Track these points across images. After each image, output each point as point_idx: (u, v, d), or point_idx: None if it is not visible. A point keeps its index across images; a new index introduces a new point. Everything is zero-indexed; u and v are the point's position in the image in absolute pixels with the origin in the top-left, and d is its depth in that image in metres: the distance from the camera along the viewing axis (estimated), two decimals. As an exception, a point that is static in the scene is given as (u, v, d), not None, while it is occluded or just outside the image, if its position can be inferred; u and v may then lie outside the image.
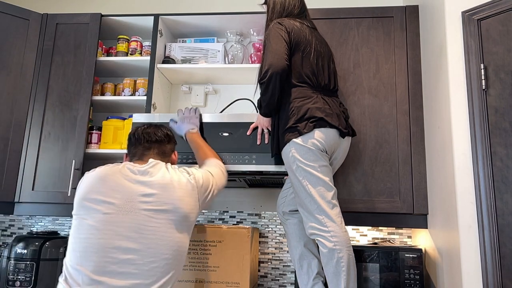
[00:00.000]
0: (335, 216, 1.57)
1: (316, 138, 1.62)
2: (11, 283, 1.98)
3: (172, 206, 1.40)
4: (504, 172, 1.45)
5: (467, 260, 1.48)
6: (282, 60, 1.64)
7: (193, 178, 1.49)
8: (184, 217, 1.42)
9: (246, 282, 1.89)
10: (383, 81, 2.06)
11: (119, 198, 1.36)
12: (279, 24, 1.72)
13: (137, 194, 1.38)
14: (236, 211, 2.41)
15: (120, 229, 1.33)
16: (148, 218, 1.36)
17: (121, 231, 1.33)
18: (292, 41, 1.70)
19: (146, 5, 2.81)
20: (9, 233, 2.53)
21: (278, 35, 1.69)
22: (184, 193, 1.44)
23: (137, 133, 1.58)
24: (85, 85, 2.25)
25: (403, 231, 2.27)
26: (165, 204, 1.39)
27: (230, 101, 2.36)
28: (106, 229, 1.32)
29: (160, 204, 1.38)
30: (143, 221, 1.35)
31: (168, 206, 1.39)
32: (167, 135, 1.62)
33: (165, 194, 1.40)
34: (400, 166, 1.97)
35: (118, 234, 1.32)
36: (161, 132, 1.60)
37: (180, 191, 1.43)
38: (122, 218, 1.34)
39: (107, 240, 1.31)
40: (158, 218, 1.37)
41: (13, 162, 2.17)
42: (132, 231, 1.34)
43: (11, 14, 2.28)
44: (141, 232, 1.34)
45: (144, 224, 1.35)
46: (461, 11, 1.65)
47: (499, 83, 1.51)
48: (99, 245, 1.31)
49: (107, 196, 1.36)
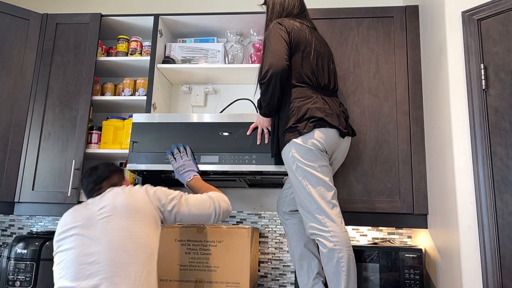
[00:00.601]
0: (335, 216, 1.57)
1: (316, 138, 1.62)
2: (11, 283, 1.98)
3: (122, 205, 1.49)
4: (504, 172, 1.45)
5: (467, 260, 1.48)
6: (282, 60, 1.64)
7: (144, 187, 1.59)
8: (134, 210, 1.49)
9: (246, 282, 1.89)
10: (383, 81, 2.06)
11: (81, 220, 1.50)
12: (279, 24, 1.72)
13: (95, 211, 1.50)
14: (236, 211, 2.41)
15: (86, 241, 1.45)
16: (105, 223, 1.46)
17: (87, 242, 1.45)
18: (292, 41, 1.70)
19: (146, 5, 2.81)
20: (9, 233, 2.53)
21: (278, 35, 1.68)
22: (133, 192, 1.54)
23: (83, 182, 1.65)
24: (85, 85, 2.25)
25: (403, 231, 2.27)
26: (116, 208, 1.49)
27: (230, 101, 2.36)
28: (77, 245, 1.45)
29: (112, 208, 1.49)
30: (102, 226, 1.46)
31: (118, 208, 1.49)
32: (102, 172, 1.64)
33: (115, 200, 1.50)
34: (400, 166, 1.97)
35: (85, 245, 1.44)
36: (98, 172, 1.64)
37: (129, 193, 1.54)
38: (86, 231, 1.46)
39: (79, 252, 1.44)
40: (113, 219, 1.47)
41: (13, 162, 2.17)
42: (95, 238, 1.44)
43: (11, 14, 2.28)
44: (101, 237, 1.44)
45: (103, 228, 1.46)
46: (461, 11, 1.65)
47: (499, 83, 1.51)
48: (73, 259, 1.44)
49: (73, 223, 1.50)
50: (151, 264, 1.46)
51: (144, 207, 1.52)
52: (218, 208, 1.63)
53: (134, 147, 1.95)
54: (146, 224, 1.49)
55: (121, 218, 1.46)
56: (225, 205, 1.65)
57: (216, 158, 1.89)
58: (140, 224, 1.48)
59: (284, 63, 1.63)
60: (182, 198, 1.61)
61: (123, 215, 1.47)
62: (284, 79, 1.66)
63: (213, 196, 1.65)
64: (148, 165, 1.91)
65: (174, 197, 1.59)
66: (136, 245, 1.44)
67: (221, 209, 1.63)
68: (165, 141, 1.93)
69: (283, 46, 1.66)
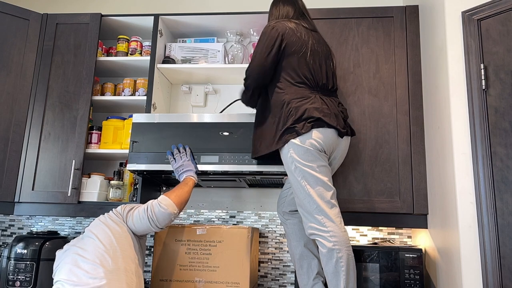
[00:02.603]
0: (334, 216, 1.57)
1: (314, 138, 1.62)
2: (11, 283, 1.98)
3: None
4: (504, 172, 1.45)
5: (467, 260, 1.48)
6: (262, 66, 1.71)
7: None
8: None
9: (246, 282, 1.89)
10: (383, 81, 2.06)
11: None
12: (271, 28, 1.74)
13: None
14: (236, 211, 2.41)
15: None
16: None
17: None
18: (282, 43, 1.71)
19: (146, 5, 2.81)
20: (9, 233, 2.53)
21: (266, 38, 1.73)
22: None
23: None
24: (85, 85, 2.25)
25: (403, 231, 2.27)
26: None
27: (230, 101, 2.36)
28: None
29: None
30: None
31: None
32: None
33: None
34: (400, 166, 1.96)
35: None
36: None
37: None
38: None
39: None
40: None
41: (13, 162, 2.17)
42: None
43: (11, 14, 2.28)
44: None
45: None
46: (461, 11, 1.65)
47: (499, 83, 1.50)
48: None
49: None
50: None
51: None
52: (151, 214, 1.64)
53: (134, 147, 1.95)
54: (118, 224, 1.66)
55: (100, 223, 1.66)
56: (157, 208, 1.65)
57: (216, 158, 1.89)
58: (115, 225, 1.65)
59: (262, 70, 1.71)
60: (129, 212, 1.69)
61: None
62: (261, 83, 1.75)
63: (148, 203, 1.68)
64: (148, 165, 1.91)
65: (127, 212, 1.70)
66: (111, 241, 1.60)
67: (154, 214, 1.64)
68: (165, 141, 1.93)
69: (267, 50, 1.71)
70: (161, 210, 1.64)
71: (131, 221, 1.66)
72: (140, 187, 2.12)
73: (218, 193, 2.43)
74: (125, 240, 1.62)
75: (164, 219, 1.65)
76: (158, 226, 1.65)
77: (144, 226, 1.65)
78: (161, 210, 1.64)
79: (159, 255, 1.97)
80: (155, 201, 1.67)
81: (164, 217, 1.65)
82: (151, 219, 1.64)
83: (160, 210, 1.64)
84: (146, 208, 1.66)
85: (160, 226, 1.65)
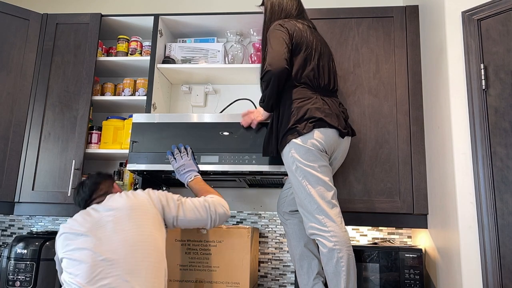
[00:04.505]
0: (335, 216, 1.57)
1: (315, 138, 1.62)
2: (11, 283, 1.98)
3: (129, 207, 1.51)
4: (504, 172, 1.45)
5: (467, 260, 1.48)
6: (282, 61, 1.63)
7: (147, 191, 1.59)
8: (141, 212, 1.51)
9: (246, 282, 1.89)
10: (383, 81, 2.06)
11: (90, 222, 1.51)
12: (280, 26, 1.72)
13: (103, 215, 1.52)
14: (236, 211, 2.41)
15: (97, 241, 1.49)
16: (114, 224, 1.49)
17: (98, 243, 1.48)
18: (293, 42, 1.70)
19: (146, 5, 2.81)
20: (9, 233, 2.53)
21: (279, 36, 1.69)
22: (136, 195, 1.55)
23: (76, 203, 1.65)
24: (85, 85, 2.25)
25: (403, 231, 2.27)
26: (123, 210, 1.50)
27: (230, 101, 2.36)
28: (88, 245, 1.50)
29: (119, 210, 1.51)
30: (112, 227, 1.48)
31: (126, 210, 1.50)
32: (89, 186, 1.63)
33: (121, 203, 1.52)
34: (400, 166, 1.96)
35: (96, 245, 1.49)
36: (84, 187, 1.63)
37: (132, 196, 1.55)
38: (95, 233, 1.48)
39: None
40: (122, 220, 1.48)
41: (13, 162, 2.17)
42: (106, 238, 1.47)
43: (11, 14, 2.28)
44: (112, 237, 1.47)
45: (113, 229, 1.48)
46: (461, 11, 1.65)
47: (499, 83, 1.51)
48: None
49: (80, 226, 1.52)
50: (160, 263, 1.47)
51: (148, 208, 1.52)
52: (214, 213, 1.61)
53: (134, 147, 1.95)
54: (153, 225, 1.50)
55: (130, 219, 1.47)
56: (222, 210, 1.63)
57: (216, 158, 1.89)
58: (148, 225, 1.49)
59: (283, 64, 1.63)
60: (179, 202, 1.61)
61: (132, 216, 1.48)
62: (283, 79, 1.66)
63: (209, 201, 1.64)
64: (148, 165, 1.91)
65: (173, 200, 1.59)
66: (147, 244, 1.45)
67: (217, 215, 1.62)
68: (165, 141, 1.93)
69: (283, 47, 1.66)
70: (226, 214, 1.64)
71: (182, 212, 1.59)
72: (140, 187, 2.12)
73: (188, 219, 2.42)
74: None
75: (223, 222, 1.64)
76: (212, 226, 1.63)
77: (196, 222, 1.61)
78: (225, 214, 1.63)
79: (159, 255, 1.97)
80: (217, 202, 1.64)
81: (224, 220, 1.64)
82: (212, 219, 1.61)
83: (226, 213, 1.63)
84: (208, 206, 1.62)
85: (212, 227, 1.63)
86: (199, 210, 1.60)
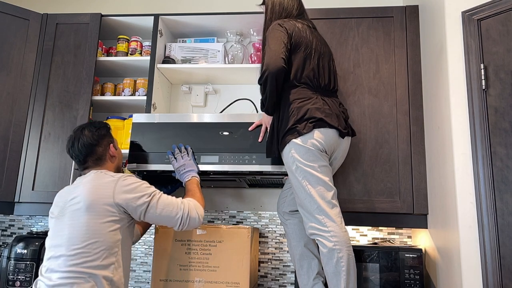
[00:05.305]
0: (335, 216, 1.57)
1: (315, 138, 1.62)
2: (11, 283, 1.98)
3: (86, 200, 1.52)
4: (504, 172, 1.45)
5: (467, 260, 1.48)
6: (279, 60, 1.62)
7: (117, 178, 1.57)
8: (95, 207, 1.51)
9: (246, 282, 1.89)
10: (383, 81, 2.06)
11: (60, 206, 1.60)
12: (279, 25, 1.72)
13: (67, 200, 1.58)
14: (236, 211, 2.41)
15: (55, 230, 1.58)
16: (70, 216, 1.54)
17: (55, 232, 1.57)
18: (292, 42, 1.70)
19: (146, 5, 2.81)
20: (9, 233, 2.53)
21: (277, 36, 1.68)
22: (101, 185, 1.55)
23: (69, 154, 1.69)
24: (85, 85, 2.25)
25: (403, 231, 2.27)
26: (81, 202, 1.53)
27: (230, 101, 2.36)
28: (52, 229, 1.63)
29: (78, 201, 1.54)
30: (68, 219, 1.54)
31: (83, 202, 1.53)
32: (85, 145, 1.64)
33: (84, 193, 1.54)
34: (400, 166, 1.96)
35: (55, 233, 1.59)
36: (80, 145, 1.64)
37: (97, 186, 1.54)
38: (59, 220, 1.57)
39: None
40: (76, 213, 1.53)
41: (13, 162, 2.17)
42: (61, 229, 1.55)
43: (11, 14, 2.28)
44: (64, 230, 1.54)
45: (67, 222, 1.55)
46: (461, 11, 1.65)
47: (499, 83, 1.51)
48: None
49: (56, 206, 1.64)
50: (109, 259, 1.50)
51: (104, 202, 1.52)
52: (186, 216, 1.61)
53: (134, 147, 1.95)
54: (103, 220, 1.51)
55: (83, 213, 1.50)
56: (194, 215, 1.62)
57: (216, 158, 1.89)
58: (99, 220, 1.50)
59: (280, 64, 1.62)
60: (154, 197, 1.59)
61: (87, 210, 1.50)
62: (281, 78, 1.65)
63: (185, 202, 1.64)
64: (148, 165, 1.91)
65: (145, 194, 1.57)
66: (95, 241, 1.48)
67: (189, 218, 1.61)
68: (165, 141, 1.93)
69: (281, 47, 1.66)
70: (199, 219, 1.64)
71: (154, 206, 1.58)
72: (140, 187, 2.12)
73: (218, 193, 2.43)
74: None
75: (192, 227, 1.64)
76: (181, 228, 1.62)
77: (165, 219, 1.60)
78: (196, 220, 1.63)
79: (159, 255, 1.97)
80: (192, 206, 1.63)
81: (194, 226, 1.64)
82: (182, 221, 1.60)
83: (198, 218, 1.64)
84: (182, 207, 1.61)
85: (181, 229, 1.63)
86: (173, 209, 1.60)
